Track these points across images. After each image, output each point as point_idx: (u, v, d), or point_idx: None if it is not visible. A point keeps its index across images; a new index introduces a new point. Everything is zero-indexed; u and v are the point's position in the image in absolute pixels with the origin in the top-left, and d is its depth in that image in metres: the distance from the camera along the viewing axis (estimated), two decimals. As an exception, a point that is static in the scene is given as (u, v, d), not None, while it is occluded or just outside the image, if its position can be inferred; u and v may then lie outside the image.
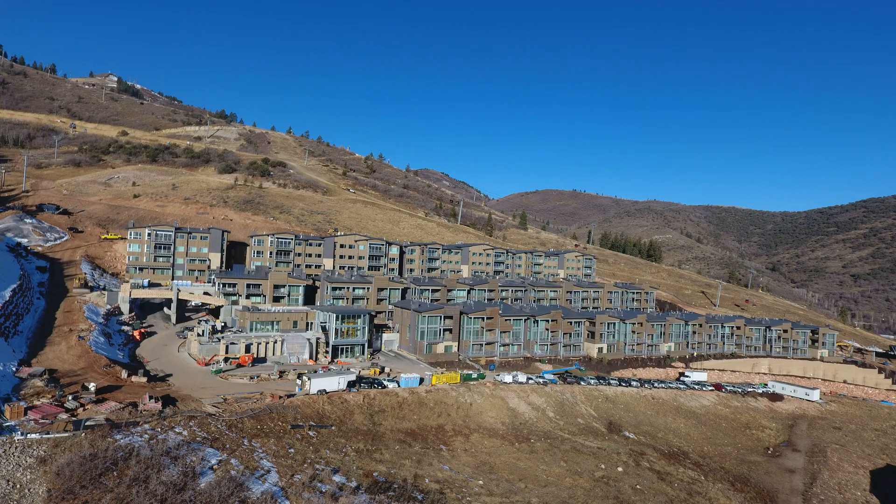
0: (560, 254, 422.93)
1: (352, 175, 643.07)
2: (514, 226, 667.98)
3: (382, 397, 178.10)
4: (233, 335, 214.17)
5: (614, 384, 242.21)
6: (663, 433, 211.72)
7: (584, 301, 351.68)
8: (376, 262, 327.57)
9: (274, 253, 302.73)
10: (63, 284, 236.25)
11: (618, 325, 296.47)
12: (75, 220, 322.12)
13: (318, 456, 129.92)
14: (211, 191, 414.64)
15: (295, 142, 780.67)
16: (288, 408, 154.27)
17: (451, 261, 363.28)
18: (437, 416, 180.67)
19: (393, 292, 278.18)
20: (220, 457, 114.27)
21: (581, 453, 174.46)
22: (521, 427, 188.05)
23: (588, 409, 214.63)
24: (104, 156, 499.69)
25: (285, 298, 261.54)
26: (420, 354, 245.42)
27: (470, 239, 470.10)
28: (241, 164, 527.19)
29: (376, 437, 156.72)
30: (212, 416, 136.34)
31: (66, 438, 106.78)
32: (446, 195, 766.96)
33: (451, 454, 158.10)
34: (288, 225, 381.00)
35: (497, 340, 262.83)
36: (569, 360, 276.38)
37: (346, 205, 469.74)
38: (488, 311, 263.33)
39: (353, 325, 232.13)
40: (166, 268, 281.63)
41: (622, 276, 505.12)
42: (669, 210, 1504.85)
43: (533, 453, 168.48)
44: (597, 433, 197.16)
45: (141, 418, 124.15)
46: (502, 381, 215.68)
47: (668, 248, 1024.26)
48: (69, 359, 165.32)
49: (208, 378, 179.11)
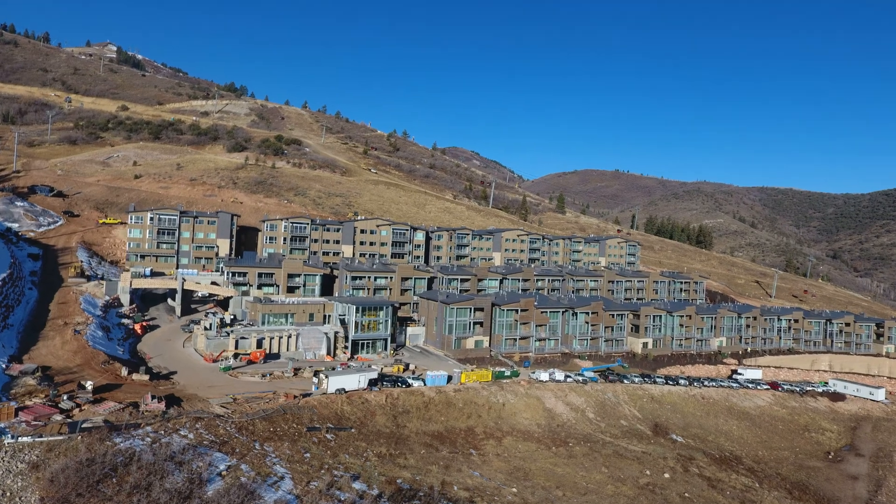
0: (601, 240, 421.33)
1: (373, 154, 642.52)
2: (550, 209, 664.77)
3: (407, 397, 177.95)
4: (243, 329, 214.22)
5: (660, 382, 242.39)
6: (714, 436, 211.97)
7: (628, 292, 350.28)
8: (400, 248, 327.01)
9: (288, 239, 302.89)
10: (57, 273, 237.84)
11: (664, 318, 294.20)
12: (71, 202, 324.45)
13: (337, 461, 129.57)
14: (219, 171, 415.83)
15: (311, 117, 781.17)
16: (303, 408, 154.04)
17: (482, 248, 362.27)
18: (467, 417, 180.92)
19: (418, 282, 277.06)
20: (229, 462, 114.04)
21: (624, 458, 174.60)
22: (559, 429, 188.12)
23: (632, 410, 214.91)
24: (102, 133, 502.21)
25: (300, 289, 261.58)
26: (448, 350, 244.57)
27: (502, 224, 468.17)
28: (253, 141, 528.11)
29: (400, 440, 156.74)
30: (220, 417, 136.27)
31: (60, 442, 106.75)
32: (476, 176, 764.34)
33: (482, 459, 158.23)
34: (303, 208, 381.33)
35: (532, 335, 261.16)
36: (611, 356, 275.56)
37: (367, 186, 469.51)
38: (523, 302, 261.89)
39: (374, 317, 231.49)
40: (170, 255, 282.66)
41: (669, 264, 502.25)
42: (721, 192, 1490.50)
43: (571, 458, 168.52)
44: (641, 436, 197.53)
45: (143, 420, 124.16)
46: (538, 380, 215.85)
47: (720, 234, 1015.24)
48: (64, 355, 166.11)
49: (216, 376, 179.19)
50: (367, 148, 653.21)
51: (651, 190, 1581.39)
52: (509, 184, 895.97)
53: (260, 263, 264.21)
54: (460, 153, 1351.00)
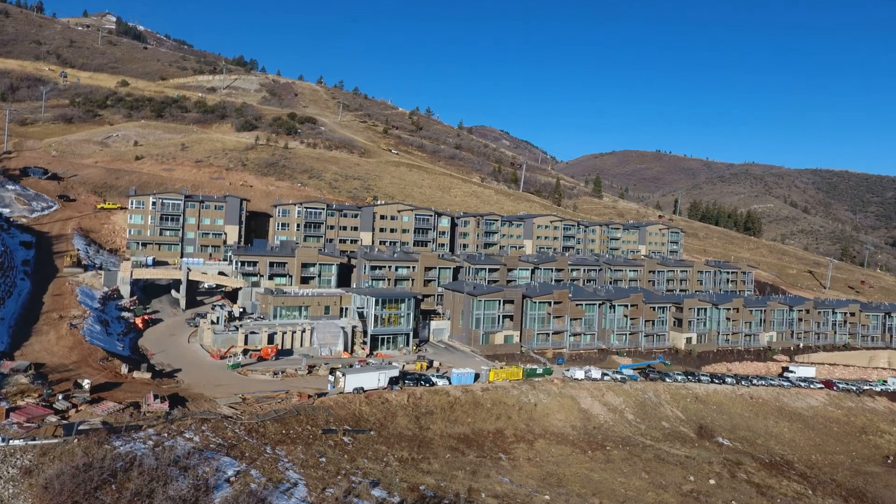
0: (641, 226, 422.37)
1: (394, 133, 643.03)
2: (586, 193, 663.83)
3: (430, 396, 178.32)
4: (253, 323, 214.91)
5: (705, 381, 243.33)
6: (763, 439, 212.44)
7: (670, 282, 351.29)
8: (423, 236, 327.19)
9: (302, 225, 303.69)
10: (52, 263, 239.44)
11: (709, 311, 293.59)
12: (66, 186, 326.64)
13: (355, 466, 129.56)
14: (227, 151, 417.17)
15: (327, 94, 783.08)
16: (318, 409, 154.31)
17: (512, 234, 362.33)
18: (496, 418, 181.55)
19: (443, 272, 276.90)
20: (238, 467, 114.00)
21: (666, 463, 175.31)
22: (595, 432, 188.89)
23: (674, 411, 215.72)
24: (101, 110, 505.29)
25: (315, 279, 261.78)
26: (475, 346, 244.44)
27: (534, 209, 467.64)
28: (263, 119, 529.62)
29: (423, 443, 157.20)
30: (228, 418, 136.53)
31: (55, 445, 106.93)
32: (506, 157, 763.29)
33: (512, 464, 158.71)
34: (318, 192, 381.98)
35: (566, 329, 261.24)
36: (651, 352, 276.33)
37: (388, 168, 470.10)
38: (556, 294, 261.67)
39: (395, 310, 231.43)
40: (174, 243, 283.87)
41: (714, 252, 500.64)
42: (770, 175, 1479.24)
43: (609, 463, 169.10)
44: (684, 439, 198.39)
45: (144, 421, 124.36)
46: (572, 378, 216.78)
47: (769, 220, 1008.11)
48: (59, 351, 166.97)
49: (224, 374, 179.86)
50: (387, 127, 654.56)
51: (695, 172, 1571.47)
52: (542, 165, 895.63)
53: (271, 252, 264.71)
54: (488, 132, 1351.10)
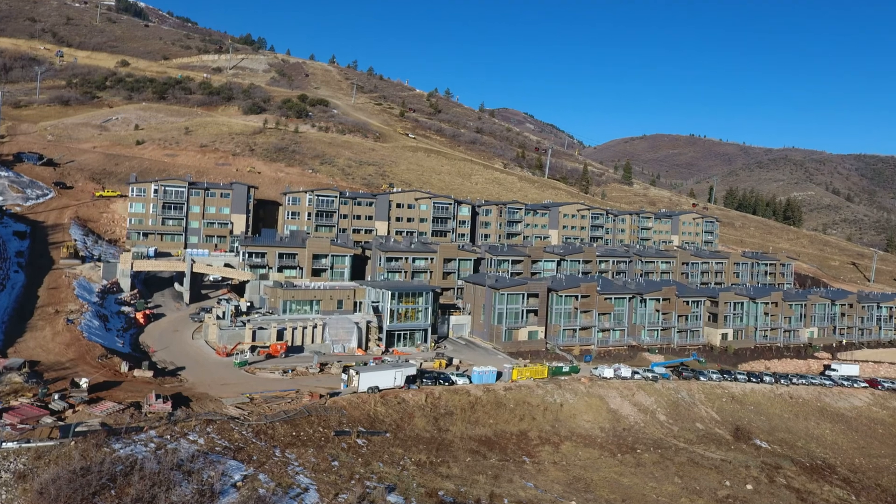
0: (674, 215, 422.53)
1: (411, 116, 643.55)
2: (615, 180, 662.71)
3: (450, 396, 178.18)
4: (261, 318, 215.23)
5: (742, 380, 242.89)
6: (804, 441, 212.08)
7: (705, 275, 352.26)
8: (442, 225, 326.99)
9: (313, 214, 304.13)
10: (47, 254, 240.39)
11: (746, 306, 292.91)
12: (63, 172, 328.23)
13: (369, 470, 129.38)
14: (234, 136, 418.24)
15: (339, 74, 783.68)
16: (331, 409, 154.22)
17: (537, 224, 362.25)
18: (519, 419, 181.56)
19: (463, 264, 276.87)
20: (245, 471, 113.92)
21: (700, 467, 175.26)
22: (625, 434, 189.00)
23: (709, 412, 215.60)
24: (99, 92, 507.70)
25: (327, 271, 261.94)
26: (497, 342, 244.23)
27: (560, 196, 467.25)
28: (272, 102, 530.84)
29: (442, 446, 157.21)
30: (235, 419, 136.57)
31: (51, 448, 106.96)
32: (530, 141, 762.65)
33: (537, 468, 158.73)
34: (331, 179, 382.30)
35: (594, 324, 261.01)
36: (685, 349, 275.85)
37: (404, 153, 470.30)
38: (583, 287, 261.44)
39: (412, 305, 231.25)
40: (177, 233, 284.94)
41: (752, 243, 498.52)
42: (811, 160, 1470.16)
43: (639, 467, 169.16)
44: (720, 441, 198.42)
45: (146, 423, 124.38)
46: (601, 376, 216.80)
47: (810, 209, 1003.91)
48: (55, 348, 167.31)
49: (230, 372, 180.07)
50: (403, 109, 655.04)
51: (731, 158, 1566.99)
52: (568, 151, 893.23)
53: (281, 242, 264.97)
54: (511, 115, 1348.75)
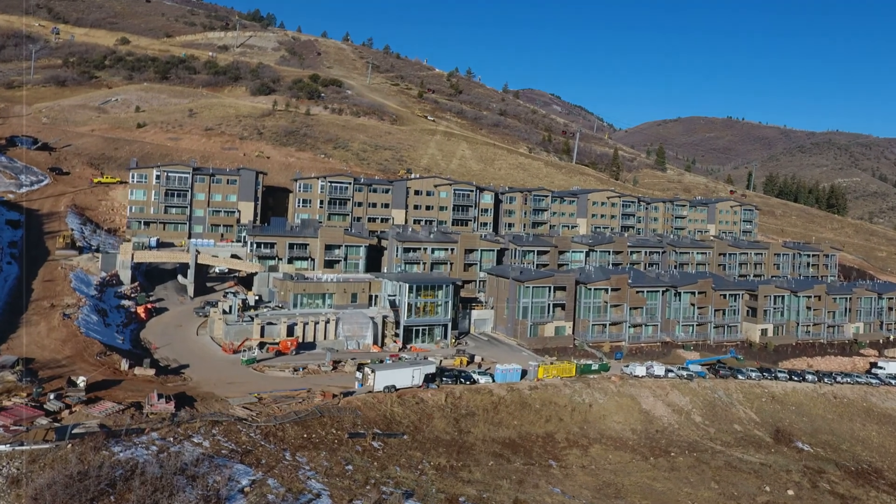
0: (710, 203, 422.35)
1: (430, 97, 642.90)
2: (647, 165, 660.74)
3: (471, 396, 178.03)
4: (270, 312, 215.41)
5: (783, 378, 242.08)
6: (849, 444, 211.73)
7: (743, 267, 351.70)
8: (463, 214, 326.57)
9: (325, 202, 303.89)
10: (43, 244, 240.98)
11: (787, 300, 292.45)
12: (59, 157, 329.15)
13: (386, 475, 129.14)
14: (241, 118, 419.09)
15: (354, 53, 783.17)
16: (344, 410, 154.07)
17: (564, 212, 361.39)
18: (545, 421, 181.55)
19: (485, 255, 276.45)
20: (253, 476, 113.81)
21: (738, 471, 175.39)
22: (658, 436, 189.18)
23: (747, 412, 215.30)
24: (98, 71, 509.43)
25: (341, 263, 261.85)
26: (522, 338, 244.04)
27: (589, 183, 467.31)
28: (282, 82, 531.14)
29: (463, 449, 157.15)
30: (242, 421, 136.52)
31: (46, 451, 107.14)
32: (557, 124, 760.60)
33: (564, 472, 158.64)
34: (344, 164, 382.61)
35: (625, 319, 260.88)
36: (722, 345, 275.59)
37: (423, 137, 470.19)
38: (614, 279, 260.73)
39: (431, 298, 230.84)
40: (181, 222, 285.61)
41: (793, 232, 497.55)
42: (857, 144, 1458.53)
43: (674, 471, 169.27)
44: (759, 444, 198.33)
45: (147, 424, 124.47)
46: (632, 374, 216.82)
47: (856, 196, 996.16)
48: (50, 344, 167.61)
49: (237, 370, 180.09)
50: (422, 90, 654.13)
51: (771, 142, 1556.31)
52: (597, 134, 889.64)
53: (291, 232, 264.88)
54: (537, 97, 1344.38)
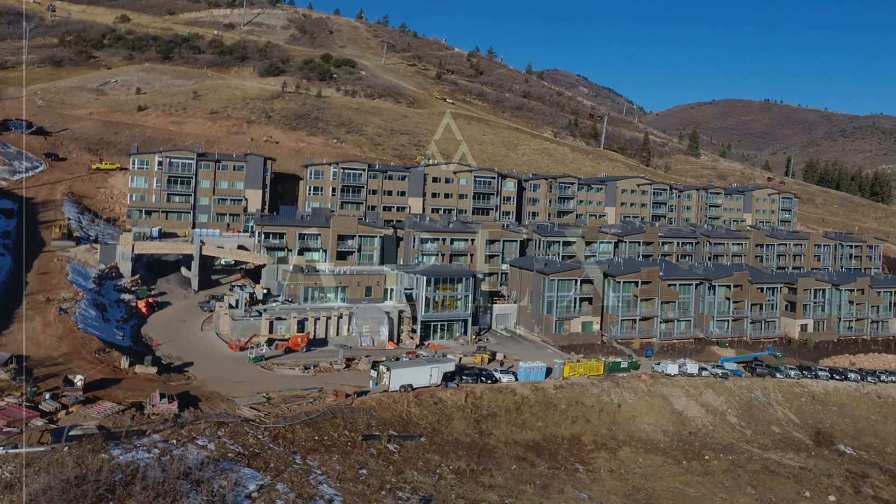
0: (746, 191, 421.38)
1: (449, 79, 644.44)
2: (680, 151, 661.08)
3: (493, 396, 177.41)
4: (280, 307, 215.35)
5: (824, 377, 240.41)
6: (894, 447, 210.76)
7: (781, 258, 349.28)
8: (484, 202, 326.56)
9: (338, 190, 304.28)
10: (37, 235, 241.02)
11: (829, 293, 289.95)
12: (55, 142, 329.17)
13: (402, 479, 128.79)
14: (248, 101, 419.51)
15: (368, 31, 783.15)
16: (358, 411, 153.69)
17: (591, 201, 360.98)
18: (571, 422, 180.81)
19: (508, 245, 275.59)
20: (261, 480, 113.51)
21: (777, 475, 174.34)
22: (691, 438, 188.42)
23: (786, 413, 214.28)
24: (96, 51, 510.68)
25: (354, 254, 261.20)
26: (546, 334, 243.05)
27: (618, 169, 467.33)
28: (292, 62, 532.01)
29: (484, 452, 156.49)
30: (250, 422, 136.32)
31: (41, 454, 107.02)
32: (584, 107, 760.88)
33: (592, 476, 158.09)
34: (358, 150, 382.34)
35: (656, 314, 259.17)
36: (759, 342, 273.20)
37: (442, 121, 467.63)
38: (644, 272, 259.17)
39: (451, 292, 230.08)
40: (184, 211, 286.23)
41: (835, 222, 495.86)
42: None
43: (707, 475, 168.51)
44: (799, 446, 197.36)
45: (148, 425, 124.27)
46: (664, 373, 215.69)
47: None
48: (46, 341, 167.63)
49: (244, 368, 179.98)
50: (440, 71, 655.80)
51: (811, 125, 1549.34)
52: (626, 117, 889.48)
53: (301, 221, 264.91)
54: (563, 78, 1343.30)
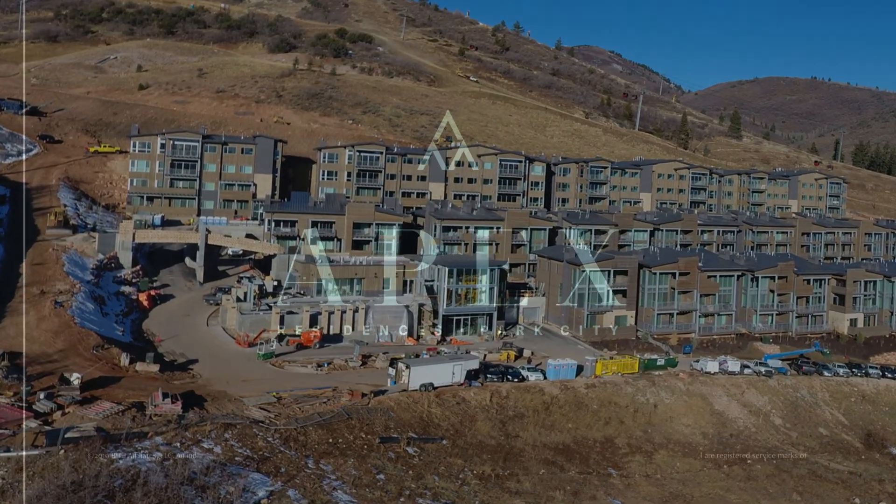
0: (792, 175, 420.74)
1: (473, 55, 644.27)
2: (720, 132, 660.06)
3: (520, 395, 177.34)
4: (291, 300, 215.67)
5: (875, 375, 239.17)
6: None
7: (829, 248, 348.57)
8: (511, 188, 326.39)
9: (353, 174, 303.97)
10: (31, 222, 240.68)
11: (880, 285, 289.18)
12: (50, 123, 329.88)
13: (422, 485, 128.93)
14: (257, 79, 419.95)
15: (386, 4, 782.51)
16: (375, 411, 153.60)
17: (625, 186, 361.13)
18: (604, 423, 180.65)
19: (536, 234, 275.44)
20: (271, 486, 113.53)
21: (824, 481, 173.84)
22: (732, 440, 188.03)
23: (835, 414, 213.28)
24: (94, 26, 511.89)
25: (371, 244, 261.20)
26: (577, 329, 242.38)
27: (654, 153, 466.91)
28: (304, 37, 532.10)
29: (510, 455, 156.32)
30: (259, 423, 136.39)
31: (36, 458, 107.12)
32: (617, 86, 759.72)
33: (626, 482, 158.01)
34: (375, 131, 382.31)
35: (695, 308, 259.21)
36: (805, 337, 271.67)
37: (465, 100, 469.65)
38: (682, 262, 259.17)
39: (474, 284, 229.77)
40: (189, 197, 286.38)
41: (886, 209, 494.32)
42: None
43: (750, 480, 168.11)
44: (848, 450, 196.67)
45: (150, 427, 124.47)
46: (703, 371, 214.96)
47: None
48: (40, 336, 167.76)
49: (253, 366, 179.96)
50: (464, 47, 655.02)
51: (862, 105, 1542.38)
52: (663, 97, 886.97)
53: (314, 208, 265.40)
54: (595, 54, 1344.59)
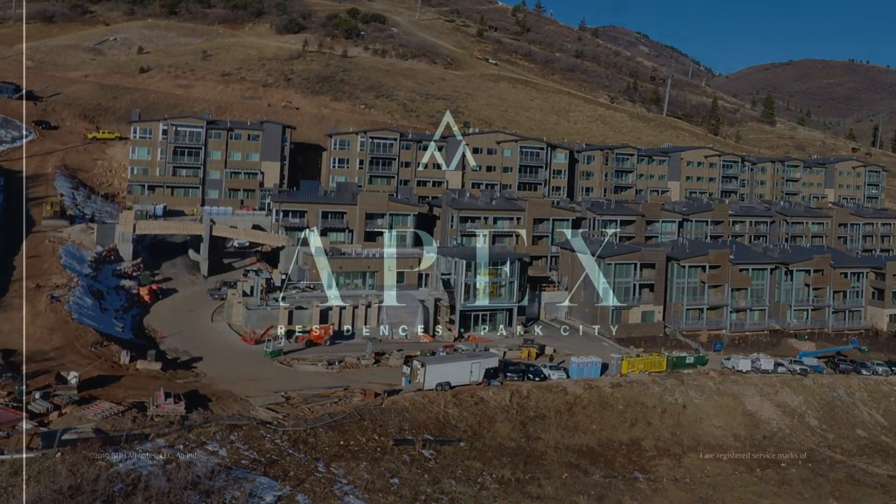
0: (828, 163, 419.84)
1: (492, 36, 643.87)
2: (753, 118, 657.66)
3: (541, 395, 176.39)
4: (300, 295, 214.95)
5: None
6: None
7: (867, 240, 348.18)
8: (532, 176, 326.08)
9: (366, 162, 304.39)
10: (26, 213, 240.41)
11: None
12: (46, 108, 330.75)
13: (439, 489, 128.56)
14: (265, 61, 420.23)
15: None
16: (389, 412, 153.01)
17: (653, 174, 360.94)
18: (630, 424, 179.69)
19: (558, 225, 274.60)
20: (279, 491, 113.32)
21: (862, 485, 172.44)
22: (766, 443, 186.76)
23: (873, 415, 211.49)
24: (92, 5, 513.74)
25: (384, 235, 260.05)
26: (602, 325, 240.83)
27: (683, 139, 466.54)
28: (314, 17, 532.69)
29: (531, 458, 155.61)
30: (266, 425, 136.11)
31: (31, 461, 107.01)
32: (644, 69, 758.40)
33: (653, 486, 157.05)
34: (389, 116, 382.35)
35: (726, 303, 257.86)
36: (842, 334, 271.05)
37: (483, 84, 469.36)
38: (712, 255, 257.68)
39: (493, 278, 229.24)
40: (192, 186, 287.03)
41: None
42: None
43: (784, 485, 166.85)
44: (887, 452, 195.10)
45: (152, 429, 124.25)
46: (735, 369, 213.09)
47: None
48: (36, 333, 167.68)
49: (260, 364, 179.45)
50: (482, 28, 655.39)
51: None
52: (693, 80, 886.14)
53: (325, 198, 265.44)
54: (620, 35, 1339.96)
